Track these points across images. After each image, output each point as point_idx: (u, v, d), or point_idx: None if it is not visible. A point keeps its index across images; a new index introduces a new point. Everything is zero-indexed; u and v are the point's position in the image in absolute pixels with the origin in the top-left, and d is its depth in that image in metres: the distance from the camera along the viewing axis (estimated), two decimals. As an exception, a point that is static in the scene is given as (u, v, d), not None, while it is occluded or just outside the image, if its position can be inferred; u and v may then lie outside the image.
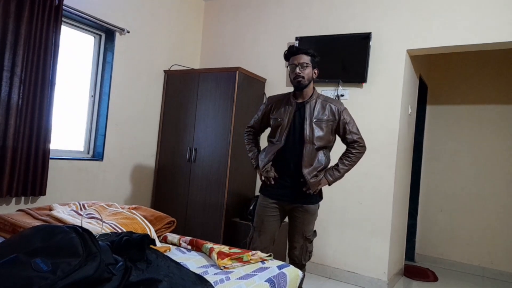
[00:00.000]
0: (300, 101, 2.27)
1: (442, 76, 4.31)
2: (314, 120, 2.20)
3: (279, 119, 2.25)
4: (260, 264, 1.87)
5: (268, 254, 2.00)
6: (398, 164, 3.22)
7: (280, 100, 2.33)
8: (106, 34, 3.33)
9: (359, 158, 2.27)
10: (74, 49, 3.16)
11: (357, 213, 3.25)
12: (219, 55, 4.14)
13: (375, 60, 3.24)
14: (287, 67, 2.32)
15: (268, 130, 2.44)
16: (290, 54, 2.24)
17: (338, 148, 2.39)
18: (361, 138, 2.27)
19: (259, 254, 1.97)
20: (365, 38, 3.21)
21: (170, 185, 3.69)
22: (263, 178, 2.31)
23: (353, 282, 3.21)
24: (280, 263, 1.93)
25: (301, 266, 2.32)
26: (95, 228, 1.89)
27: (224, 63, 4.05)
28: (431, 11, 3.05)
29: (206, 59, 4.25)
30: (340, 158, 2.30)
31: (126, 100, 3.44)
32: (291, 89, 3.57)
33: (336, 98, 3.37)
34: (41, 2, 2.58)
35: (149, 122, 3.71)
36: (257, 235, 2.32)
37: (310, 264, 3.41)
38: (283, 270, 1.84)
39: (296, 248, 2.32)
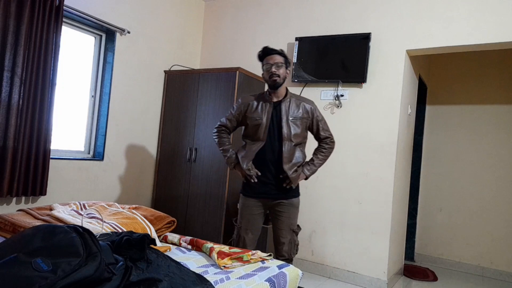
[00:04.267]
0: (275, 100, 2.37)
1: (441, 76, 4.31)
2: (291, 118, 2.32)
3: (258, 118, 2.33)
4: (260, 264, 1.88)
5: (268, 254, 2.00)
6: (398, 164, 3.22)
7: (255, 99, 2.40)
8: (107, 35, 3.33)
9: (331, 152, 2.46)
10: (75, 50, 3.17)
11: (356, 213, 3.26)
12: (219, 55, 4.15)
13: (374, 60, 3.25)
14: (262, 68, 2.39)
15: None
16: (265, 54, 2.34)
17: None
18: (331, 134, 2.47)
19: (259, 253, 1.97)
20: (364, 38, 3.22)
21: (170, 185, 3.70)
22: (244, 178, 2.39)
23: (353, 282, 3.22)
24: (280, 262, 1.94)
25: (290, 261, 2.38)
26: (96, 227, 1.89)
27: (224, 63, 4.06)
28: (431, 11, 3.05)
29: (206, 59, 4.25)
30: (315, 154, 2.44)
31: (127, 100, 3.45)
32: (290, 89, 3.59)
33: (336, 98, 3.38)
34: (41, 3, 2.58)
35: (149, 122, 3.72)
36: (245, 234, 2.40)
37: (310, 264, 3.42)
38: (283, 269, 1.85)
39: (285, 244, 2.39)
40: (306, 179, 2.41)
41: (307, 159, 2.45)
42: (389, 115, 3.18)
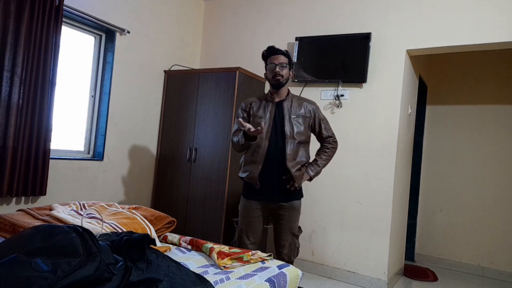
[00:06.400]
0: (277, 100, 2.37)
1: (442, 76, 4.31)
2: (293, 116, 2.33)
3: (260, 117, 2.33)
4: (260, 264, 1.88)
5: (268, 254, 2.00)
6: (398, 164, 3.22)
7: (257, 101, 2.40)
8: (107, 34, 3.33)
9: (334, 152, 2.46)
10: (75, 49, 3.16)
11: (357, 213, 3.26)
12: (219, 55, 4.15)
13: (375, 60, 3.25)
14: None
15: None
16: (270, 53, 2.33)
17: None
18: (333, 134, 2.47)
19: (259, 254, 1.97)
20: (365, 38, 3.22)
21: (170, 185, 3.70)
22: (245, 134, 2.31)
23: (353, 282, 3.22)
24: (280, 263, 1.93)
25: (290, 264, 2.35)
26: (95, 228, 1.89)
27: (224, 63, 4.06)
28: (431, 11, 3.05)
29: (206, 59, 4.25)
30: (318, 154, 2.45)
31: (127, 100, 3.45)
32: (290, 89, 3.58)
33: (336, 98, 3.38)
34: (41, 2, 2.58)
35: (149, 122, 3.72)
36: (246, 237, 2.39)
37: (310, 264, 3.42)
38: (283, 270, 1.84)
39: (285, 246, 2.38)
40: (310, 180, 2.40)
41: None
42: (389, 115, 3.18)
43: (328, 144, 2.43)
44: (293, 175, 2.26)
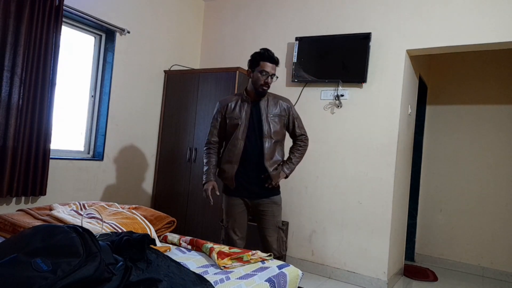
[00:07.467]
0: (253, 99, 2.39)
1: (442, 76, 4.31)
2: (270, 115, 2.36)
3: (236, 118, 2.35)
4: (260, 264, 1.88)
5: (268, 254, 2.00)
6: (398, 164, 3.22)
7: (233, 100, 2.42)
8: (107, 34, 3.33)
9: (306, 150, 2.51)
10: (75, 49, 3.16)
11: (357, 213, 3.26)
12: (219, 55, 4.15)
13: (375, 60, 3.25)
14: (250, 70, 2.36)
15: None
16: (267, 59, 2.29)
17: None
18: (306, 132, 2.51)
19: (259, 254, 1.97)
20: (365, 38, 3.22)
21: (170, 185, 3.70)
22: (206, 194, 2.46)
23: (353, 282, 3.22)
24: (280, 263, 1.93)
25: (280, 258, 2.39)
26: (95, 228, 1.89)
27: (224, 63, 4.06)
28: (431, 11, 3.05)
29: (206, 59, 4.25)
30: (292, 152, 2.49)
31: (127, 100, 3.45)
32: (290, 89, 3.59)
33: (336, 98, 3.38)
34: (41, 2, 2.58)
35: (149, 122, 3.72)
36: (233, 233, 2.45)
37: (310, 264, 3.42)
38: (283, 270, 1.84)
39: (274, 242, 2.42)
40: (286, 177, 2.44)
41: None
42: (389, 115, 3.18)
43: (301, 142, 2.49)
44: (270, 175, 2.32)
